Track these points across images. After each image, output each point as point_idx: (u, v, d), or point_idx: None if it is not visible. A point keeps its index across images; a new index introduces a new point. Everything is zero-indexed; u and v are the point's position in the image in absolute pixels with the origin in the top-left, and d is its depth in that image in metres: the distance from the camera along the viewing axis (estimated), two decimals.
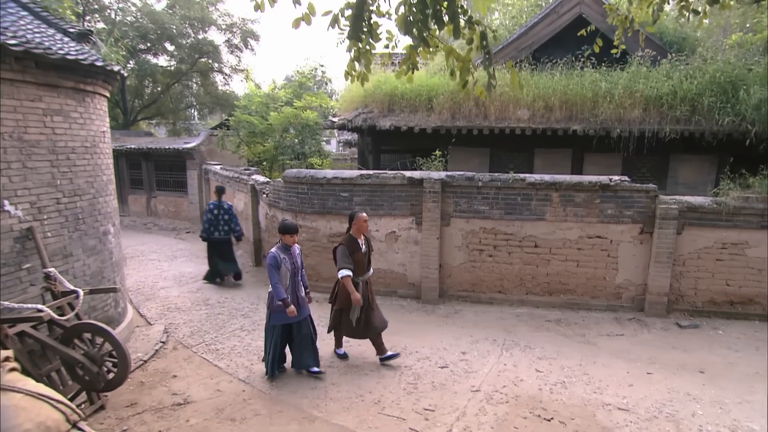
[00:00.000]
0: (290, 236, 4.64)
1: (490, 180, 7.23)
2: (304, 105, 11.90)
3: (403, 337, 6.02)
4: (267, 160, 12.20)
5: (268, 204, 8.75)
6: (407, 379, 4.95)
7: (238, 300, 7.51)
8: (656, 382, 4.96)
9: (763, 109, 7.73)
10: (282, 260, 4.57)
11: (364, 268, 5.11)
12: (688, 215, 6.74)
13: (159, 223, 15.04)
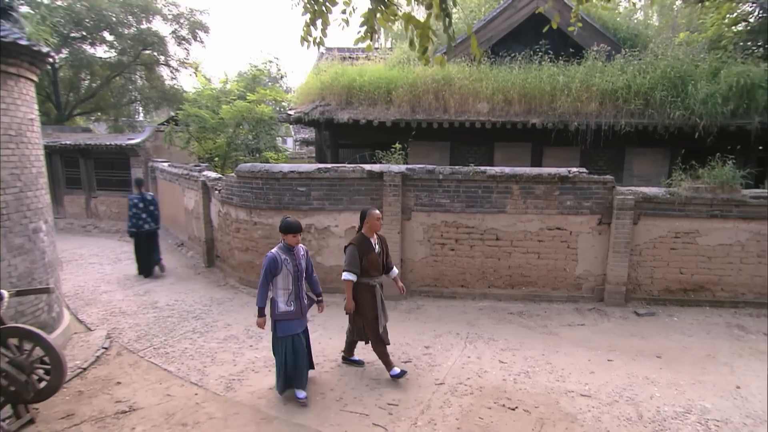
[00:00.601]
0: (293, 236, 4.21)
1: (451, 173, 7.32)
2: (258, 98, 11.65)
3: None
4: (219, 157, 11.84)
5: (220, 201, 8.49)
6: (370, 375, 4.91)
7: (189, 302, 7.23)
8: (616, 368, 5.16)
9: (709, 104, 8.25)
10: (283, 262, 4.17)
11: (379, 269, 4.76)
12: (643, 206, 7.07)
13: (100, 225, 14.29)
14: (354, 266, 4.56)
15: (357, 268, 4.57)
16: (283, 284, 4.20)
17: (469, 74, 9.49)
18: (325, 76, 10.14)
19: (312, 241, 7.53)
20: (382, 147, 8.21)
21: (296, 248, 4.32)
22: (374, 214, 4.69)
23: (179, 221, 11.39)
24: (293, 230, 4.21)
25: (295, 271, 4.25)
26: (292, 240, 4.23)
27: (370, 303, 4.69)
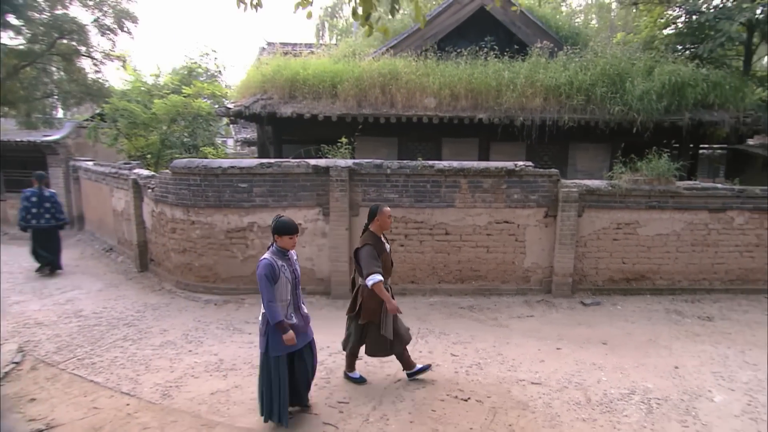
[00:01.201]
0: (289, 237, 3.72)
1: (399, 167, 7.39)
2: (194, 93, 11.24)
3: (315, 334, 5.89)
4: (152, 155, 11.30)
5: (154, 200, 8.09)
6: (319, 374, 4.80)
7: (119, 309, 6.82)
8: (565, 356, 5.39)
9: (645, 100, 8.86)
10: (280, 269, 3.67)
11: (390, 270, 4.55)
12: (587, 198, 7.45)
13: (11, 232, 13.20)
14: (378, 266, 4.22)
15: (380, 268, 4.24)
16: (281, 294, 3.70)
17: (416, 69, 9.65)
18: (267, 69, 9.96)
19: (255, 240, 7.34)
20: (328, 142, 8.17)
21: (290, 252, 3.86)
22: (386, 211, 4.40)
23: (107, 224, 10.75)
24: (290, 231, 3.71)
25: (292, 278, 3.78)
26: (288, 243, 3.74)
27: (377, 309, 4.36)
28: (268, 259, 3.67)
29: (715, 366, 5.15)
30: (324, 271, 7.42)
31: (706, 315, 6.77)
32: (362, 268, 4.28)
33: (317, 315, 6.64)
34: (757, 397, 4.47)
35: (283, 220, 3.75)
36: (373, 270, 4.19)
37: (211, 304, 7.05)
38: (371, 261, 4.22)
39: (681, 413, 4.18)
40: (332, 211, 7.29)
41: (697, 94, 8.92)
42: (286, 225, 3.72)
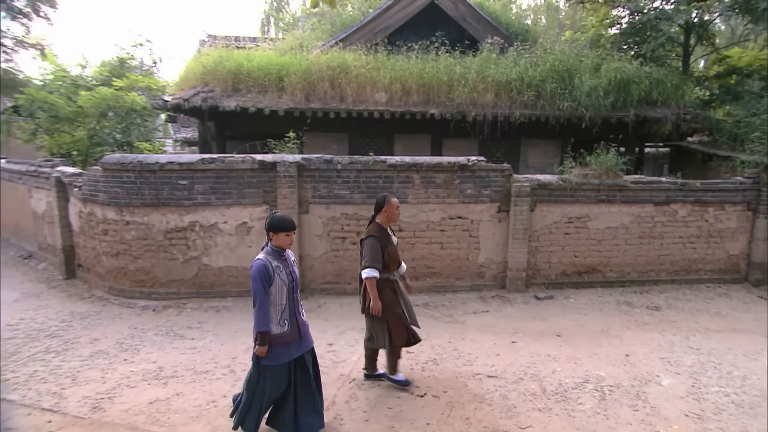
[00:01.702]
0: (286, 235, 3.50)
1: (350, 162, 7.37)
2: (127, 85, 10.75)
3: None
4: (79, 152, 10.68)
5: (82, 199, 7.64)
6: None
7: (40, 320, 6.38)
8: (520, 349, 5.54)
9: (593, 96, 9.30)
10: (275, 270, 3.45)
11: (398, 262, 4.53)
12: (539, 192, 7.71)
13: None
14: (377, 261, 4.20)
15: (380, 263, 4.23)
16: (276, 298, 3.47)
17: (366, 63, 9.68)
18: (208, 60, 9.69)
19: (197, 240, 7.09)
20: (275, 138, 8.03)
21: (287, 252, 3.64)
22: (394, 202, 4.37)
23: (24, 229, 10.05)
24: (286, 227, 3.49)
25: (289, 280, 3.54)
26: (285, 241, 3.51)
27: (394, 300, 4.38)
28: (262, 259, 3.44)
29: (663, 352, 5.45)
30: None
31: (654, 305, 7.16)
32: (361, 260, 4.29)
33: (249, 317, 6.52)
34: (701, 379, 4.77)
35: (279, 216, 3.53)
36: (370, 264, 4.19)
37: (148, 311, 6.74)
38: (372, 254, 4.20)
39: (632, 398, 4.39)
40: (280, 209, 7.15)
41: (641, 90, 9.46)
42: (282, 221, 3.50)
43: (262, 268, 3.39)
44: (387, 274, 4.36)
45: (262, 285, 3.36)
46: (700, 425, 3.95)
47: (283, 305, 3.50)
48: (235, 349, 5.46)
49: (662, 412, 4.14)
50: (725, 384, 4.69)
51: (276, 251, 3.53)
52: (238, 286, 7.26)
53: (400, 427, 3.88)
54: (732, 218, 8.16)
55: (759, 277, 8.16)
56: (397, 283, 4.47)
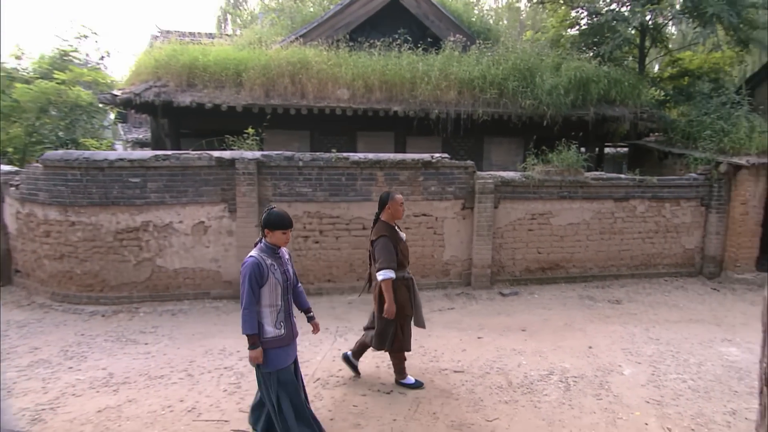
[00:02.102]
0: (283, 233, 3.33)
1: (312, 159, 7.34)
2: (71, 79, 10.33)
3: (221, 339, 5.68)
4: (15, 149, 10.17)
5: (20, 199, 7.28)
6: (228, 380, 4.64)
7: None
8: (486, 344, 5.64)
9: (554, 94, 9.57)
10: (269, 268, 3.27)
11: (408, 259, 4.50)
12: (502, 189, 7.89)
13: None
14: (392, 261, 4.16)
15: (395, 263, 4.19)
16: (270, 299, 3.28)
17: (327, 59, 9.64)
18: (161, 54, 9.42)
19: (150, 241, 6.88)
20: (233, 135, 7.91)
21: (281, 250, 3.47)
22: (398, 198, 4.36)
23: None
24: (284, 224, 3.33)
25: (284, 280, 3.36)
26: (281, 239, 3.35)
27: (407, 302, 4.36)
28: (255, 257, 3.26)
29: (624, 343, 5.66)
30: (232, 273, 7.12)
31: (615, 299, 7.44)
32: (375, 261, 4.23)
33: (226, 321, 6.46)
34: (660, 367, 4.99)
35: (277, 212, 3.35)
36: (386, 265, 4.14)
37: (97, 316, 6.48)
38: (386, 254, 4.16)
39: (595, 388, 4.54)
40: (239, 208, 7.05)
41: (600, 89, 9.81)
42: (280, 218, 3.32)
43: (254, 266, 3.21)
44: (402, 272, 4.32)
45: (250, 285, 3.18)
46: (660, 410, 4.13)
47: (278, 306, 3.32)
48: (193, 353, 5.32)
49: (624, 400, 4.30)
50: (683, 371, 4.92)
51: (270, 249, 3.35)
52: (195, 288, 7.08)
53: (366, 425, 3.87)
54: (687, 213, 8.58)
55: (712, 270, 8.60)
56: (412, 281, 4.46)
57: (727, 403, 4.27)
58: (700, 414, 4.08)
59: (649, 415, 4.05)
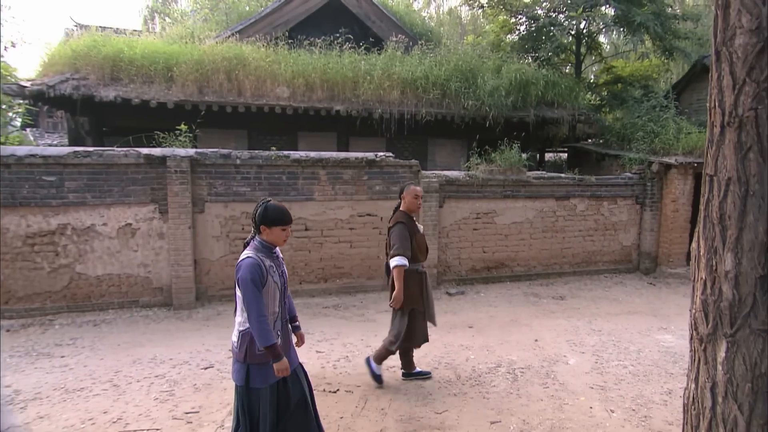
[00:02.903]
0: (282, 229, 2.95)
1: (250, 157, 7.17)
2: None
3: (151, 348, 5.38)
4: None
5: None
6: (159, 388, 4.39)
7: None
8: (433, 341, 5.61)
9: (495, 96, 9.91)
10: (268, 271, 2.90)
11: (425, 253, 4.49)
12: (447, 188, 8.03)
13: None
14: (407, 249, 4.18)
15: (409, 251, 4.20)
16: (271, 302, 2.92)
17: (266, 55, 9.51)
18: (79, 44, 8.92)
19: (69, 246, 6.44)
20: (164, 133, 7.59)
21: (277, 250, 3.12)
22: (412, 190, 4.32)
23: None
24: (284, 220, 2.95)
25: (281, 283, 3.03)
26: (280, 236, 2.97)
27: (418, 295, 4.34)
28: (254, 257, 2.86)
29: (569, 335, 5.88)
30: (163, 279, 6.79)
31: (559, 295, 7.73)
32: (390, 248, 4.26)
33: (156, 329, 6.15)
34: (602, 356, 5.22)
35: (274, 206, 2.96)
36: (401, 252, 4.15)
37: (1, 331, 5.96)
38: (402, 241, 4.18)
39: (542, 377, 4.68)
40: (171, 208, 6.75)
41: (539, 91, 10.27)
42: (279, 213, 2.93)
43: (255, 267, 2.81)
44: (415, 265, 4.33)
45: (256, 288, 2.79)
46: (603, 394, 4.30)
47: (275, 313, 2.97)
48: (119, 363, 5.00)
49: (570, 387, 4.45)
50: (623, 358, 5.17)
51: (267, 248, 2.97)
52: (122, 296, 6.69)
53: None
54: (623, 211, 9.09)
55: (648, 266, 9.14)
56: (425, 275, 4.46)
57: (664, 384, 4.53)
58: (640, 395, 4.29)
59: (594, 400, 4.20)
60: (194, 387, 4.42)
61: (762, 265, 1.47)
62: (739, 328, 1.52)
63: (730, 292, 1.53)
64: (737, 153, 1.50)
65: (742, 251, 1.50)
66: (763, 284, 1.48)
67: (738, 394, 1.54)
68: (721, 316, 1.57)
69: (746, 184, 1.48)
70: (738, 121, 1.49)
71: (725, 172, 1.54)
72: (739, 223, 1.50)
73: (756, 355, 1.50)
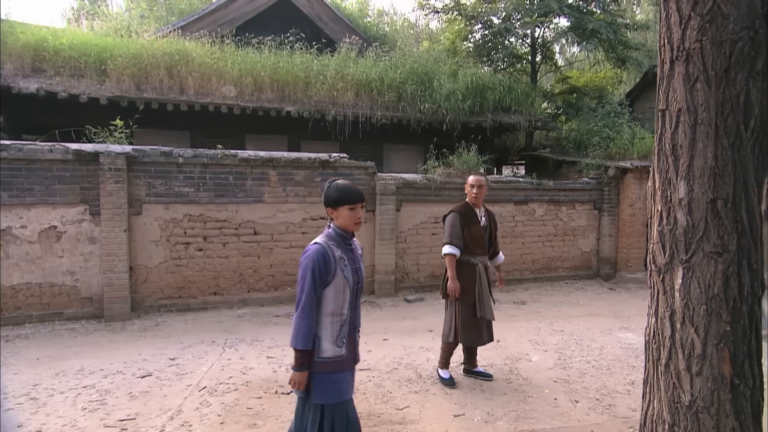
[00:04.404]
0: (350, 208, 2.60)
1: (194, 156, 7.08)
2: None
3: (78, 360, 5.11)
4: None
5: None
6: (87, 398, 4.18)
7: None
8: (392, 345, 5.71)
9: (452, 100, 10.21)
10: (338, 262, 2.58)
11: (485, 246, 4.53)
12: (404, 191, 8.16)
13: None
14: (455, 237, 4.34)
15: (460, 240, 4.33)
16: (335, 304, 2.58)
17: (211, 52, 9.45)
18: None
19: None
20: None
21: (354, 242, 2.78)
22: (470, 180, 4.48)
23: None
24: (350, 197, 2.61)
25: (354, 281, 2.66)
26: (348, 218, 2.61)
27: (471, 288, 4.37)
28: (321, 244, 2.57)
29: (531, 335, 6.04)
30: (93, 287, 6.52)
31: (520, 300, 7.95)
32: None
33: (84, 342, 5.90)
34: (565, 353, 5.40)
35: (338, 183, 2.65)
36: (448, 240, 4.35)
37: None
38: (450, 230, 4.38)
39: (506, 373, 4.79)
40: (104, 209, 6.53)
41: (496, 96, 10.65)
42: (341, 189, 2.61)
43: (319, 255, 2.52)
44: (468, 257, 4.40)
45: (313, 279, 2.49)
46: (567, 387, 4.45)
47: (344, 316, 2.62)
48: (38, 376, 4.71)
49: (533, 382, 4.57)
50: (586, 354, 5.36)
51: (340, 236, 2.65)
52: (43, 308, 6.36)
53: (264, 424, 3.71)
54: (582, 217, 9.49)
55: (608, 272, 9.54)
56: (481, 267, 4.44)
57: (626, 376, 4.74)
58: (603, 387, 4.46)
59: (558, 392, 4.34)
60: (130, 395, 4.24)
61: (711, 190, 1.63)
62: (693, 253, 1.66)
63: (684, 219, 1.68)
64: (686, 84, 1.66)
65: (693, 178, 1.65)
66: (713, 208, 1.63)
67: (694, 318, 1.68)
68: (676, 243, 1.71)
69: (695, 114, 1.64)
70: (685, 54, 1.66)
71: (675, 104, 1.70)
72: (690, 151, 1.65)
73: (709, 277, 1.65)
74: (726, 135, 1.61)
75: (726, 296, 1.65)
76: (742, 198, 1.63)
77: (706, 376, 1.68)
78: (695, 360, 1.70)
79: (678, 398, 1.76)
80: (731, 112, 1.61)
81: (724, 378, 1.66)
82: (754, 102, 1.62)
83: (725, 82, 1.60)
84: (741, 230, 1.63)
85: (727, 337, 1.65)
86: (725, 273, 1.64)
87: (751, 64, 1.59)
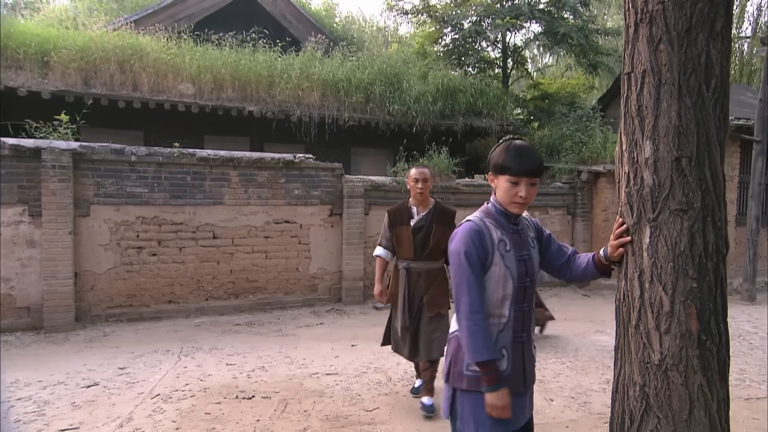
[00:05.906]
0: (512, 182, 2.00)
1: (148, 154, 6.99)
2: None
3: (11, 372, 4.83)
4: None
5: None
6: (24, 409, 4.04)
7: None
8: (361, 350, 5.72)
9: (422, 102, 10.37)
10: (497, 246, 2.03)
11: (410, 250, 4.07)
12: (373, 194, 8.22)
13: None
14: (384, 238, 4.29)
15: (389, 241, 4.24)
16: (494, 299, 2.03)
17: (167, 47, 9.39)
18: None
19: None
20: None
21: (522, 220, 2.20)
22: (411, 174, 4.17)
23: None
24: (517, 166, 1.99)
25: (520, 272, 2.06)
26: (508, 196, 2.01)
27: (395, 294, 4.27)
28: (475, 221, 2.05)
29: None
30: (32, 296, 6.31)
31: None
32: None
33: (19, 354, 5.68)
34: (540, 355, 5.50)
35: (513, 144, 2.04)
36: (378, 241, 4.40)
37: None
38: (382, 231, 4.35)
39: None
40: (46, 210, 6.36)
41: (468, 99, 10.87)
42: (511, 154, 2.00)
43: (473, 234, 2.00)
44: (397, 261, 4.28)
45: (470, 266, 1.98)
46: (542, 386, 4.51)
47: (503, 318, 2.03)
48: None
49: None
50: (561, 356, 5.49)
51: (501, 213, 2.09)
52: None
53: (223, 428, 3.64)
54: (555, 222, 9.72)
55: None
56: (405, 273, 4.13)
57: (602, 375, 4.87)
58: (578, 386, 4.58)
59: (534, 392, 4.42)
60: (72, 404, 4.09)
61: (676, 148, 1.74)
62: (660, 211, 1.76)
63: (650, 178, 1.78)
64: (650, 46, 1.78)
65: (659, 137, 1.76)
66: (678, 166, 1.74)
67: (662, 276, 1.77)
68: (643, 203, 1.81)
69: (659, 74, 1.76)
70: (649, 16, 1.78)
71: (640, 66, 1.82)
72: (655, 111, 1.76)
73: (675, 234, 1.75)
74: (689, 94, 1.73)
75: (692, 253, 1.76)
76: (705, 156, 1.75)
77: (675, 333, 1.78)
78: (664, 318, 1.79)
79: (648, 358, 1.85)
80: (693, 72, 1.74)
81: (692, 334, 1.76)
82: (714, 62, 1.75)
83: (687, 42, 1.73)
84: (705, 188, 1.75)
85: (694, 293, 1.75)
86: (691, 230, 1.75)
87: (710, 25, 1.73)
